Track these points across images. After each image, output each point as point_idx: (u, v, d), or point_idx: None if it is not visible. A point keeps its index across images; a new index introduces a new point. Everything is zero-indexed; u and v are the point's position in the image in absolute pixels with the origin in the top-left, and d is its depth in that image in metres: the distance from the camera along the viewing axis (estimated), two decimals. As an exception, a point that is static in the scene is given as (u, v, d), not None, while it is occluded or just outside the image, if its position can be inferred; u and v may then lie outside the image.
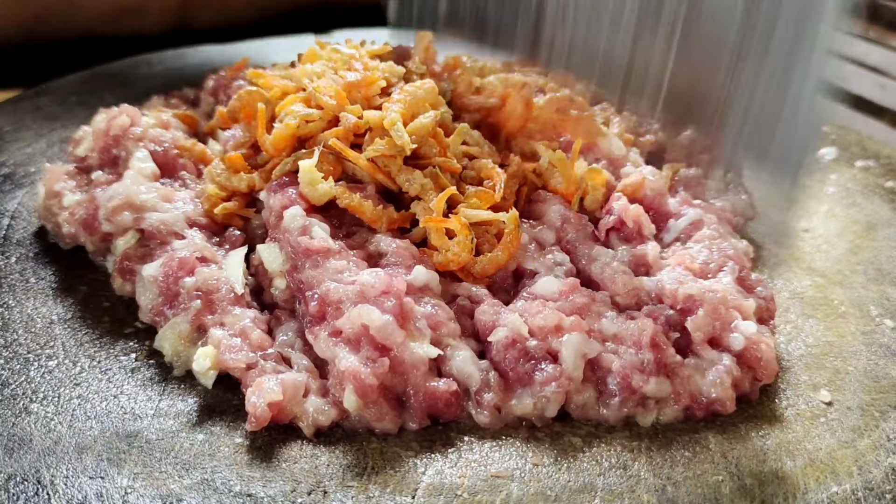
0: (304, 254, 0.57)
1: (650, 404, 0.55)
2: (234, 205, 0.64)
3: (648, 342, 0.55)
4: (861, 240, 0.74)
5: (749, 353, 0.56)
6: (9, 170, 0.77)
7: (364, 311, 0.53)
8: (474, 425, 0.54)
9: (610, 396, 0.55)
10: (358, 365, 0.52)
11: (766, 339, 0.57)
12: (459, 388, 0.54)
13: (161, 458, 0.50)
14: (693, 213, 0.66)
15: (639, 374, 0.54)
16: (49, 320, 0.60)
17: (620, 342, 0.56)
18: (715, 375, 0.55)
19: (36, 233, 0.69)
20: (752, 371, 0.56)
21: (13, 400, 0.53)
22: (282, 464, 0.50)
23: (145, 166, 0.66)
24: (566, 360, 0.54)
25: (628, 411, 0.54)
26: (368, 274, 0.55)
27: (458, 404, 0.54)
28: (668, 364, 0.55)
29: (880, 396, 0.57)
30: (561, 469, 0.51)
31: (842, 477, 0.50)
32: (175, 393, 0.55)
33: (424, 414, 0.53)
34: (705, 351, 0.56)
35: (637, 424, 0.54)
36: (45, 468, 0.48)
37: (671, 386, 0.55)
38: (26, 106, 0.88)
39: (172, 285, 0.58)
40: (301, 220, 0.58)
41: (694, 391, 0.55)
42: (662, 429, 0.54)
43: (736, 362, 0.56)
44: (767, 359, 0.56)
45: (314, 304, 0.55)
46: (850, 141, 0.91)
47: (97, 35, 1.13)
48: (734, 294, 0.59)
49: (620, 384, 0.54)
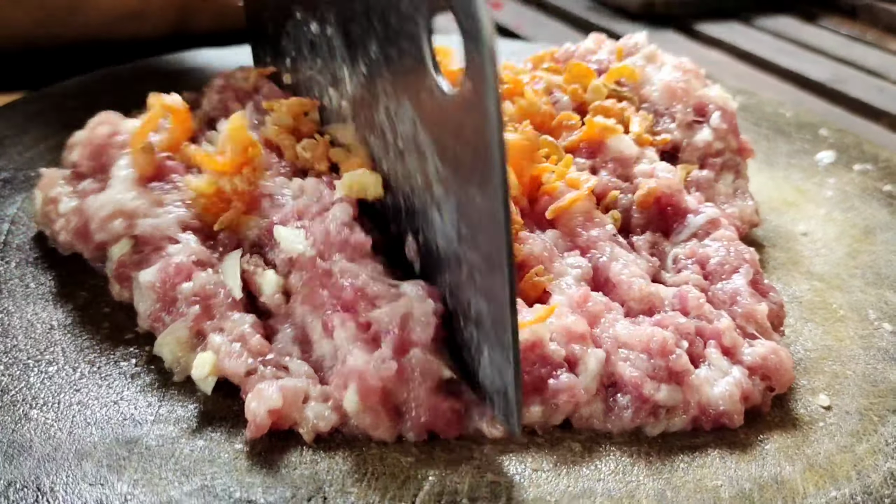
0: (339, 245, 0.57)
1: (661, 413, 0.54)
2: (233, 213, 0.63)
3: (659, 349, 0.55)
4: (859, 244, 0.74)
5: (766, 362, 0.56)
6: (8, 174, 0.77)
7: (415, 299, 0.53)
8: (474, 430, 0.54)
9: (620, 407, 0.54)
10: (365, 365, 0.51)
11: (783, 347, 0.57)
12: (462, 405, 0.53)
13: (161, 464, 0.50)
14: (711, 210, 0.66)
15: (650, 381, 0.54)
16: (49, 326, 0.60)
17: (631, 348, 0.55)
18: (725, 387, 0.54)
19: (35, 238, 0.69)
20: (768, 380, 0.56)
21: (13, 406, 0.53)
22: (281, 470, 0.50)
23: (127, 173, 0.65)
24: (586, 373, 0.54)
25: (640, 422, 0.54)
26: (412, 285, 0.55)
27: (460, 422, 0.53)
28: (678, 371, 0.55)
29: (879, 401, 0.57)
30: (560, 474, 0.51)
31: (841, 481, 0.50)
32: (175, 398, 0.55)
33: (423, 429, 0.53)
34: (718, 360, 0.56)
35: (636, 430, 0.54)
36: (45, 475, 0.48)
37: (681, 394, 0.54)
38: (26, 110, 0.88)
39: (170, 291, 0.58)
40: (348, 216, 0.59)
41: (703, 402, 0.54)
42: (661, 434, 0.54)
43: (748, 374, 0.55)
44: (786, 368, 0.56)
45: (349, 292, 0.55)
46: (847, 144, 0.91)
47: (97, 39, 1.13)
48: (752, 304, 0.59)
49: (632, 392, 0.54)
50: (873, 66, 1.27)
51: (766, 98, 1.03)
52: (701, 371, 0.55)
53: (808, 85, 1.22)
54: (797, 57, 1.31)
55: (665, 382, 0.54)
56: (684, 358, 0.55)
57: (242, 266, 0.60)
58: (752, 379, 0.55)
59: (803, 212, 0.79)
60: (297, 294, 0.58)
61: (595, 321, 0.57)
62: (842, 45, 1.37)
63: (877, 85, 1.21)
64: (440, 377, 0.53)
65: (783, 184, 0.84)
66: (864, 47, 1.36)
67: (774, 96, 1.09)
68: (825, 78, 1.22)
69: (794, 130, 0.94)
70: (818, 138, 0.92)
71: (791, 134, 0.93)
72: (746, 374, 0.55)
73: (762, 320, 0.59)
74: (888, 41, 1.39)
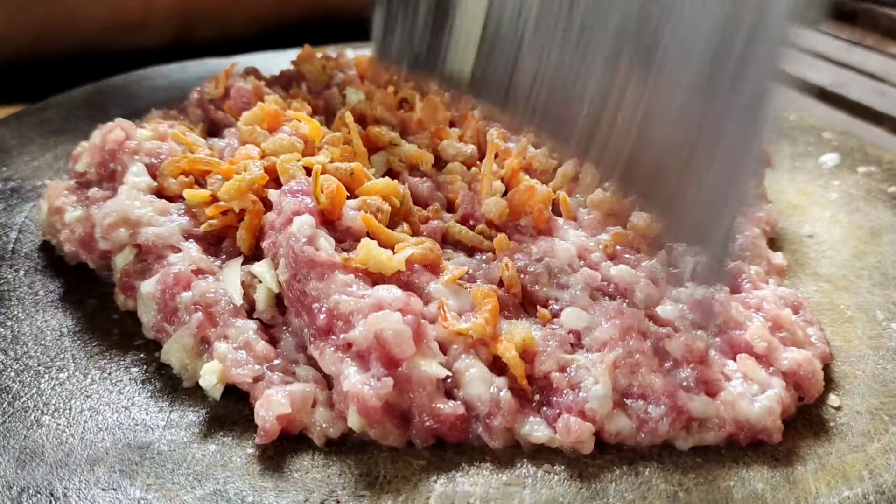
0: (307, 264, 0.56)
1: (693, 427, 0.53)
2: (219, 222, 0.62)
3: (697, 357, 0.54)
4: (865, 245, 0.75)
5: (801, 370, 0.55)
6: (15, 183, 0.77)
7: (381, 317, 0.52)
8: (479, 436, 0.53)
9: (652, 419, 0.52)
10: (361, 386, 0.51)
11: (813, 356, 0.57)
12: (467, 411, 0.53)
13: (173, 469, 0.50)
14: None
15: (683, 391, 0.53)
16: (59, 332, 0.60)
17: (662, 359, 0.55)
18: (765, 402, 0.53)
19: (43, 246, 0.69)
20: (800, 389, 0.55)
21: (24, 412, 0.53)
22: (293, 474, 0.50)
23: (140, 180, 0.65)
24: (596, 398, 0.52)
25: (672, 434, 0.52)
26: (385, 290, 0.54)
27: (464, 428, 0.53)
28: (710, 381, 0.54)
29: (889, 400, 0.57)
30: (573, 476, 0.51)
31: (853, 481, 0.50)
32: (185, 403, 0.55)
33: (429, 435, 0.52)
34: (754, 372, 0.55)
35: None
36: (58, 480, 0.48)
37: (715, 408, 0.53)
38: (32, 120, 0.88)
39: (170, 301, 0.58)
40: (310, 229, 0.57)
41: (740, 418, 0.53)
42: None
43: (784, 386, 0.55)
44: (818, 377, 0.56)
45: (322, 317, 0.54)
46: (851, 147, 0.91)
47: (101, 50, 1.13)
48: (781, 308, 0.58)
49: (665, 402, 0.52)
50: (874, 70, 1.28)
51: (768, 102, 1.03)
52: (735, 384, 0.54)
53: (810, 89, 1.22)
54: (797, 61, 1.31)
55: (698, 393, 0.53)
56: (716, 368, 0.54)
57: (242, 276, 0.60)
58: (788, 389, 0.55)
59: (808, 214, 0.79)
60: (291, 309, 0.58)
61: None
62: (842, 49, 1.37)
63: (878, 88, 1.21)
64: (437, 378, 0.53)
65: (788, 187, 0.84)
66: (865, 51, 1.37)
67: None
68: (826, 82, 1.22)
69: (798, 133, 0.94)
70: (822, 141, 0.93)
71: (794, 137, 0.94)
72: (784, 385, 0.55)
73: (791, 325, 0.58)
74: (888, 45, 1.40)
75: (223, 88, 0.79)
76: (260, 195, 0.62)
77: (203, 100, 0.79)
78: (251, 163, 0.63)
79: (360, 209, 0.61)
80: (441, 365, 0.53)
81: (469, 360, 0.54)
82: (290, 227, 0.57)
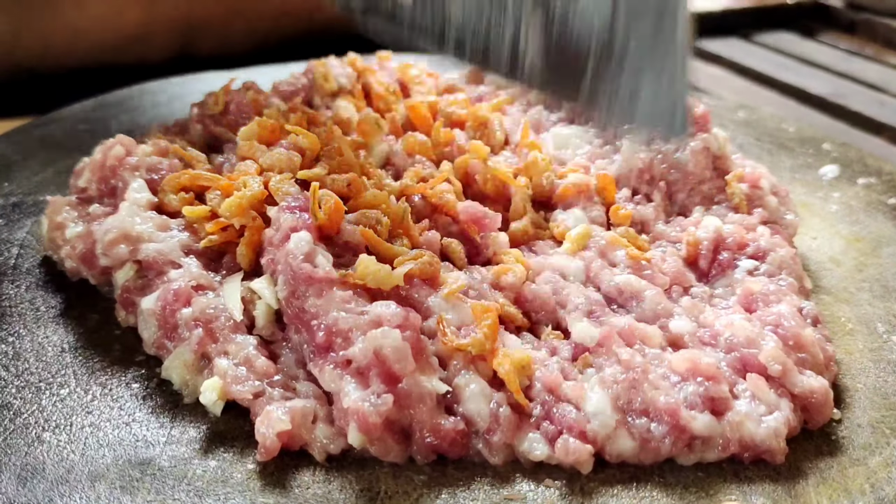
0: (305, 281, 0.55)
1: (696, 445, 0.52)
2: (219, 238, 0.62)
3: (703, 373, 0.54)
4: (866, 257, 0.75)
5: (813, 398, 0.55)
6: (17, 199, 0.77)
7: (380, 333, 0.52)
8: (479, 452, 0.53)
9: (654, 438, 0.52)
10: (361, 403, 0.51)
11: (824, 383, 0.56)
12: (467, 427, 0.53)
13: (174, 485, 0.50)
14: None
15: (685, 408, 0.52)
16: (60, 348, 0.60)
17: (664, 375, 0.54)
18: (772, 423, 0.53)
19: (45, 261, 0.69)
20: (807, 413, 0.55)
21: (25, 429, 0.53)
22: (294, 490, 0.50)
23: (140, 196, 0.65)
24: (597, 418, 0.52)
25: (675, 452, 0.52)
26: (384, 306, 0.54)
27: (465, 444, 0.53)
28: (718, 398, 0.53)
29: (890, 413, 0.57)
30: (573, 491, 0.51)
31: (855, 495, 0.50)
32: (186, 419, 0.55)
33: (430, 450, 0.52)
34: (763, 393, 0.54)
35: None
36: (59, 497, 0.48)
37: (720, 429, 0.52)
38: (34, 135, 0.88)
39: (170, 318, 0.58)
40: (307, 245, 0.57)
41: (745, 439, 0.52)
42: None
43: (792, 408, 0.54)
44: (829, 407, 0.55)
45: (321, 335, 0.54)
46: (851, 158, 0.91)
47: (102, 64, 1.14)
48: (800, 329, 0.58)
49: (668, 421, 0.52)
50: (873, 80, 1.28)
51: (767, 113, 1.03)
52: (741, 403, 0.54)
53: (809, 100, 1.22)
54: (797, 72, 1.32)
55: (702, 411, 0.53)
56: (724, 385, 0.54)
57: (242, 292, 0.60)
58: (795, 412, 0.54)
59: (809, 226, 0.79)
60: (290, 325, 0.58)
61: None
62: (841, 59, 1.38)
63: (877, 99, 1.21)
64: (437, 394, 0.53)
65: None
66: (864, 62, 1.37)
67: (776, 111, 1.09)
68: (826, 92, 1.23)
69: (797, 145, 0.94)
70: (821, 153, 0.93)
71: (794, 149, 0.94)
72: (792, 407, 0.54)
73: (812, 347, 0.57)
74: (887, 55, 1.40)
75: (223, 104, 0.79)
76: (260, 211, 0.62)
77: (203, 115, 0.79)
78: (250, 179, 0.63)
79: (358, 223, 0.61)
80: (441, 380, 0.53)
81: (469, 375, 0.54)
82: (288, 243, 0.57)
